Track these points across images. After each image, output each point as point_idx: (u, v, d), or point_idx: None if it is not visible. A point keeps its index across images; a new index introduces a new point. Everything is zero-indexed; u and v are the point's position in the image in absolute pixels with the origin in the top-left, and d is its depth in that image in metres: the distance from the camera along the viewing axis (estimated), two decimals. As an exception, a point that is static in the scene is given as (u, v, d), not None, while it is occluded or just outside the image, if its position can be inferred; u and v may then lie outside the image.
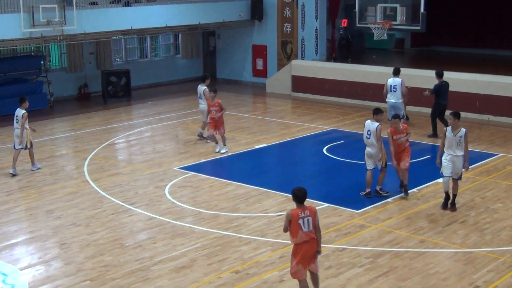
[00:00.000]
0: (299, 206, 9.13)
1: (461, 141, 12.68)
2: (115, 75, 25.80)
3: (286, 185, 14.82)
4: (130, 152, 18.25)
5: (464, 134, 12.74)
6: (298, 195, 9.09)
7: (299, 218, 9.05)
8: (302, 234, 9.06)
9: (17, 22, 20.75)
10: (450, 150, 12.73)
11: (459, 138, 12.67)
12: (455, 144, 12.69)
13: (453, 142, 12.69)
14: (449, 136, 12.71)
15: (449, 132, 12.72)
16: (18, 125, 15.92)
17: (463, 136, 12.69)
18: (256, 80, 29.00)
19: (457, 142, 12.67)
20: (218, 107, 17.38)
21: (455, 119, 12.67)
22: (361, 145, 18.56)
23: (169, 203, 13.70)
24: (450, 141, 12.70)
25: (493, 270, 10.43)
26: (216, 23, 27.17)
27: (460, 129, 12.71)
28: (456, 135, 12.70)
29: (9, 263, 10.92)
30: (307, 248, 9.11)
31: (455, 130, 12.71)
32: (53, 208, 13.50)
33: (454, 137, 12.68)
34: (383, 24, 22.22)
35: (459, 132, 12.72)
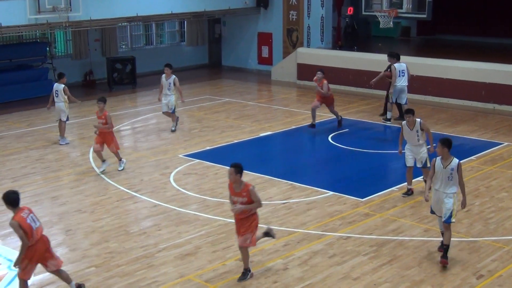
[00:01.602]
0: (17, 209, 8.89)
1: (453, 176, 10.15)
2: (121, 62, 25.79)
3: (290, 173, 14.87)
4: (135, 139, 18.27)
5: (457, 166, 10.16)
6: (12, 198, 8.84)
7: (25, 219, 8.76)
8: (34, 232, 8.80)
9: (23, 8, 20.73)
10: (438, 185, 10.29)
11: (450, 171, 10.15)
12: (445, 179, 10.18)
13: (443, 176, 10.20)
14: (438, 168, 10.23)
15: (438, 163, 10.23)
16: (58, 99, 17.14)
17: (454, 169, 10.14)
18: (261, 68, 28.96)
19: (448, 177, 10.15)
20: (104, 120, 14.76)
21: (444, 147, 10.16)
22: (366, 134, 18.64)
23: (174, 190, 13.72)
24: (439, 174, 10.23)
25: (497, 259, 10.43)
26: (222, 10, 27.10)
27: (451, 159, 10.18)
28: (446, 167, 10.18)
29: (14, 249, 10.95)
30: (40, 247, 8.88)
31: (445, 160, 10.19)
32: (58, 195, 13.54)
33: (444, 169, 10.17)
34: (389, 12, 22.16)
35: (451, 163, 10.19)
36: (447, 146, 10.17)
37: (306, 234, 11.44)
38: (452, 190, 10.17)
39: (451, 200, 10.13)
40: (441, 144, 10.18)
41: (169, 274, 9.98)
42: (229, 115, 20.57)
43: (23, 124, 19.67)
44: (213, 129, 18.79)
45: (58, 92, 17.12)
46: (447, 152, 10.14)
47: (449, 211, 10.11)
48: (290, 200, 13.11)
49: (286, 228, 11.65)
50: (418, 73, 22.71)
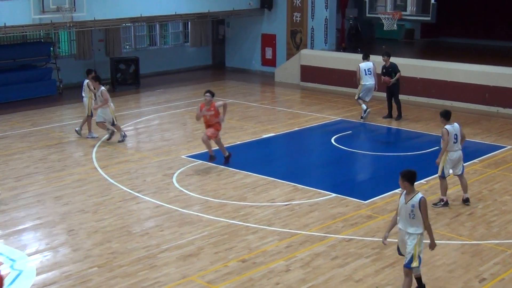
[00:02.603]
0: None
1: (415, 213, 8.84)
2: (124, 62, 25.81)
3: (293, 175, 14.86)
4: (138, 139, 18.28)
5: (419, 202, 8.80)
6: None
7: None
8: None
9: (27, 8, 20.77)
10: (400, 223, 9.06)
11: (411, 208, 8.82)
12: (406, 217, 8.92)
13: (404, 213, 8.94)
14: (400, 204, 9.03)
15: (401, 197, 9.04)
16: (84, 94, 17.88)
17: (416, 206, 8.80)
18: (265, 69, 28.97)
19: (409, 214, 8.87)
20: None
21: (404, 180, 8.88)
22: (369, 136, 18.63)
23: (177, 191, 13.73)
24: (401, 211, 9.02)
25: (500, 262, 10.42)
26: (226, 11, 27.12)
27: (414, 194, 8.88)
28: (407, 202, 8.89)
29: (17, 249, 10.98)
30: None
31: (407, 195, 8.92)
32: (61, 195, 13.55)
33: (405, 205, 8.91)
34: (393, 14, 22.17)
35: (412, 198, 8.86)
36: (407, 179, 8.85)
37: (309, 236, 11.44)
38: (415, 230, 8.89)
39: (413, 242, 8.90)
40: (400, 177, 8.90)
41: (171, 275, 9.98)
42: (232, 116, 20.57)
43: (26, 124, 19.69)
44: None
45: (84, 87, 17.88)
46: (408, 186, 8.87)
47: (409, 254, 8.94)
48: (293, 201, 13.11)
49: (289, 230, 11.65)
50: (421, 76, 22.73)
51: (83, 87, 18.09)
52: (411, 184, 8.84)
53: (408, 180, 8.83)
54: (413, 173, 8.86)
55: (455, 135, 12.51)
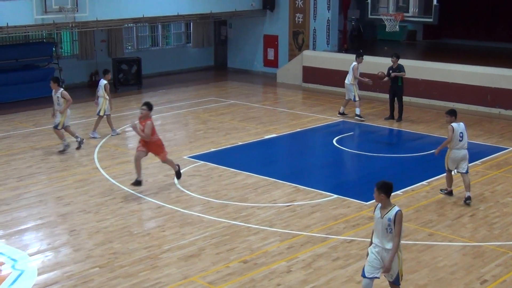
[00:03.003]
0: None
1: (392, 227, 8.24)
2: (126, 63, 25.83)
3: (295, 176, 14.86)
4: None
5: (395, 216, 8.22)
6: None
7: None
8: None
9: (30, 8, 20.80)
10: (377, 239, 8.44)
11: (388, 222, 8.25)
12: (383, 232, 8.31)
13: (381, 228, 8.33)
14: (375, 218, 8.42)
15: (376, 211, 8.43)
16: (100, 93, 17.96)
17: (392, 220, 8.22)
18: (267, 70, 28.98)
19: (386, 229, 8.28)
20: None
21: (380, 193, 8.27)
22: (371, 137, 18.63)
23: (178, 192, 13.73)
24: (377, 226, 8.40)
25: (501, 264, 10.41)
26: (228, 12, 27.14)
27: (391, 207, 8.30)
28: (384, 216, 8.29)
29: (18, 249, 10.99)
30: None
31: (383, 208, 8.32)
32: (63, 195, 13.56)
33: (382, 220, 8.30)
34: (395, 15, 22.15)
35: (389, 212, 8.28)
36: (384, 191, 8.26)
37: (310, 237, 11.44)
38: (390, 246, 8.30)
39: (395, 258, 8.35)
40: (376, 189, 8.31)
41: (173, 276, 9.98)
42: (234, 117, 20.59)
43: (29, 124, 19.71)
44: (218, 131, 18.80)
45: (100, 87, 17.94)
46: (384, 199, 8.26)
47: (395, 271, 8.43)
48: (294, 202, 13.11)
49: (290, 231, 11.65)
50: (423, 77, 22.73)
51: (98, 86, 18.14)
52: (388, 197, 8.26)
53: (385, 192, 8.23)
54: (390, 185, 8.30)
55: (460, 133, 12.77)
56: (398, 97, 19.87)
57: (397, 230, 8.18)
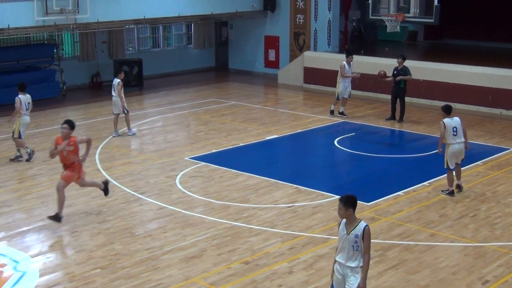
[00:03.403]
0: None
1: (359, 245, 7.67)
2: (128, 64, 25.84)
3: (296, 177, 14.86)
4: (141, 141, 18.29)
5: (362, 232, 7.67)
6: None
7: None
8: None
9: (31, 10, 20.82)
10: (340, 256, 7.84)
11: (354, 238, 7.68)
12: (349, 249, 7.74)
13: (347, 245, 7.75)
14: (341, 234, 7.83)
15: (341, 227, 7.83)
16: (114, 93, 18.17)
17: (359, 236, 7.66)
18: (268, 71, 28.98)
19: (352, 246, 7.70)
20: None
21: (347, 208, 7.68)
22: (372, 138, 18.62)
23: (180, 193, 13.73)
24: (341, 242, 7.80)
25: (503, 264, 10.41)
26: (229, 13, 27.15)
27: (357, 223, 7.74)
28: (350, 233, 7.72)
29: (20, 250, 10.99)
30: None
31: (349, 224, 7.74)
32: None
33: (348, 236, 7.72)
34: (396, 16, 22.15)
35: (355, 228, 7.72)
36: (351, 206, 7.70)
37: (312, 237, 11.44)
38: (360, 264, 7.74)
39: (358, 276, 7.73)
40: (343, 205, 7.69)
41: (174, 277, 9.98)
42: (236, 118, 20.59)
43: (30, 126, 19.65)
44: (219, 132, 18.81)
45: (114, 86, 18.15)
46: (352, 214, 7.70)
47: None
48: (296, 203, 13.11)
49: (292, 232, 11.65)
50: (424, 78, 22.72)
51: (112, 86, 18.30)
52: (354, 211, 7.73)
53: (353, 207, 7.68)
54: (356, 198, 7.76)
55: (454, 127, 13.15)
56: (400, 98, 19.88)
57: (367, 246, 7.67)
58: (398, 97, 19.91)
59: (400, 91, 19.79)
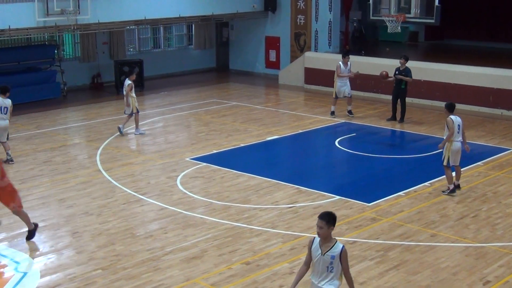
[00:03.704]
0: None
1: (334, 267, 7.25)
2: (128, 65, 25.83)
3: (297, 177, 14.86)
4: (142, 142, 18.29)
5: (340, 254, 7.24)
6: None
7: None
8: None
9: (32, 11, 20.83)
10: (314, 277, 7.46)
11: (330, 259, 7.24)
12: (324, 270, 7.31)
13: (321, 266, 7.32)
14: (315, 254, 7.36)
15: (315, 245, 7.38)
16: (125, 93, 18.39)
17: (336, 258, 7.24)
18: (268, 72, 28.98)
19: (327, 267, 7.27)
20: None
21: (330, 226, 7.23)
22: (373, 138, 18.62)
23: (181, 194, 13.74)
24: (316, 262, 7.38)
25: (504, 265, 10.40)
26: (230, 14, 27.15)
27: (334, 243, 7.29)
28: (325, 253, 7.27)
29: (21, 251, 11.00)
30: None
31: (324, 243, 7.29)
32: (66, 197, 13.57)
33: (323, 257, 7.27)
34: (397, 16, 22.15)
35: (331, 248, 7.27)
36: (333, 223, 7.22)
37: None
38: (333, 285, 7.33)
39: None
40: (325, 222, 7.21)
41: (175, 277, 9.99)
42: (236, 119, 20.60)
43: (31, 126, 19.73)
44: (220, 133, 18.81)
45: (124, 87, 18.43)
46: (326, 232, 7.22)
47: None
48: (297, 204, 13.11)
49: (293, 232, 11.65)
50: (425, 78, 22.72)
51: (123, 86, 18.54)
52: (332, 226, 7.26)
53: (334, 224, 7.23)
54: (334, 215, 7.30)
55: (458, 125, 13.39)
56: (401, 98, 19.89)
57: (346, 268, 7.29)
58: (399, 98, 19.93)
59: (401, 92, 19.81)
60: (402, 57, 19.77)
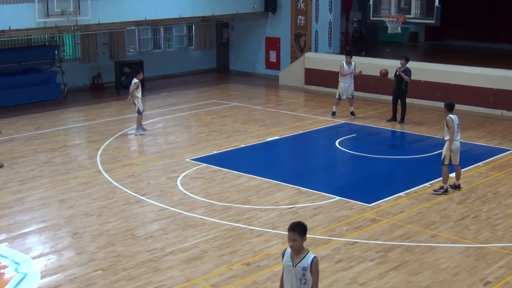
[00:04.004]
0: None
1: (307, 278, 6.91)
2: (129, 65, 25.83)
3: (297, 178, 14.86)
4: (142, 143, 18.30)
5: (310, 265, 6.89)
6: None
7: None
8: None
9: (32, 11, 20.84)
10: None
11: (302, 271, 6.90)
12: (296, 282, 6.96)
13: (293, 278, 6.98)
14: (286, 265, 7.04)
15: (286, 256, 7.07)
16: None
17: (307, 269, 6.88)
18: (269, 72, 28.98)
19: (300, 279, 6.94)
20: None
21: (303, 237, 6.91)
22: (373, 139, 18.62)
23: (181, 194, 13.74)
24: (287, 274, 7.06)
25: (504, 266, 10.40)
26: (230, 14, 27.15)
27: (305, 254, 6.97)
28: (297, 265, 6.93)
29: (21, 252, 11.00)
30: None
31: (295, 254, 6.97)
32: (66, 198, 13.57)
33: (294, 268, 6.94)
34: (397, 17, 22.15)
35: (303, 260, 6.93)
36: (305, 234, 6.90)
37: (313, 239, 11.43)
38: None
39: None
40: (297, 234, 6.87)
41: (176, 278, 9.99)
42: (237, 120, 20.60)
43: (31, 127, 19.73)
44: (220, 134, 18.81)
45: (131, 86, 18.62)
46: (299, 243, 6.87)
47: None
48: (297, 205, 13.11)
49: (293, 233, 11.64)
50: (425, 79, 22.72)
51: (130, 86, 18.65)
52: (302, 238, 6.92)
53: (305, 234, 6.92)
54: (305, 225, 6.97)
55: (457, 124, 13.55)
56: (401, 99, 19.90)
57: (315, 280, 6.93)
58: (399, 98, 19.93)
59: (401, 92, 19.82)
60: (403, 57, 19.77)
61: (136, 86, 18.40)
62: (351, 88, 20.67)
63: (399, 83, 19.67)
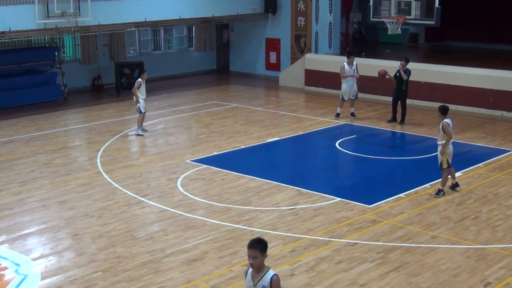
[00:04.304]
0: None
1: None
2: (129, 67, 25.86)
3: (298, 179, 14.86)
4: (142, 144, 18.30)
5: (270, 283, 6.52)
6: None
7: None
8: None
9: (32, 13, 20.85)
10: None
11: None
12: None
13: None
14: (247, 284, 6.70)
15: (248, 276, 6.68)
16: None
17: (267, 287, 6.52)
18: (269, 74, 28.98)
19: None
20: None
21: (264, 254, 6.51)
22: (374, 140, 18.62)
23: (181, 196, 13.74)
24: None
25: (505, 267, 10.40)
26: (230, 16, 27.16)
27: (265, 271, 6.60)
28: (257, 284, 6.58)
29: (21, 253, 11.00)
30: None
31: (256, 273, 6.60)
32: (66, 199, 13.57)
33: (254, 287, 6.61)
34: (397, 18, 22.15)
35: (262, 278, 6.57)
36: (260, 249, 6.50)
37: (313, 240, 11.44)
38: None
39: None
40: (259, 251, 6.49)
41: (176, 279, 9.99)
42: (237, 121, 20.60)
43: (31, 129, 19.73)
44: (220, 135, 18.81)
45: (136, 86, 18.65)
46: (260, 261, 6.51)
47: None
48: (297, 206, 13.11)
49: (293, 234, 11.65)
50: (426, 80, 22.72)
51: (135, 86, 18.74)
52: (263, 255, 6.53)
53: (266, 251, 6.55)
54: (265, 242, 6.59)
55: (452, 128, 13.53)
56: (402, 100, 19.91)
57: None
58: (399, 99, 19.94)
59: (401, 93, 19.83)
60: (403, 58, 19.76)
61: (138, 85, 18.47)
62: (354, 89, 20.66)
63: (399, 84, 19.68)
